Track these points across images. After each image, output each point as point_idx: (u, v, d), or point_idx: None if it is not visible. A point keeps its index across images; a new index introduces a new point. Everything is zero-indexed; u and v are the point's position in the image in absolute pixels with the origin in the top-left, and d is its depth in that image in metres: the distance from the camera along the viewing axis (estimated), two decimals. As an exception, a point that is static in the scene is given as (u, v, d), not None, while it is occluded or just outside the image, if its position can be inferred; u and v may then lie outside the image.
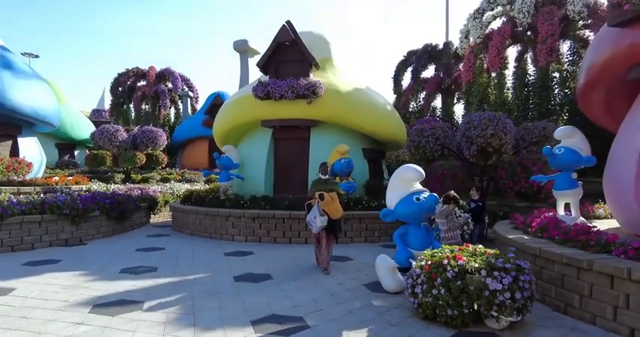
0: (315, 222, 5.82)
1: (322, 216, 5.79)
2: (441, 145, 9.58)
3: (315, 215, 5.82)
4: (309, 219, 5.93)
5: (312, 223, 5.87)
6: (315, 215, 5.82)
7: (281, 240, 8.39)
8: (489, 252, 4.18)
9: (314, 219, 5.84)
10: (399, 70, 23.61)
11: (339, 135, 10.19)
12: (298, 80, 9.63)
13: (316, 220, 5.80)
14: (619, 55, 5.53)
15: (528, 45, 17.75)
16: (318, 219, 5.79)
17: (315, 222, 5.82)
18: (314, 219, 5.84)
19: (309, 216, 5.94)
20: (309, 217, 5.96)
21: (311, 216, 5.92)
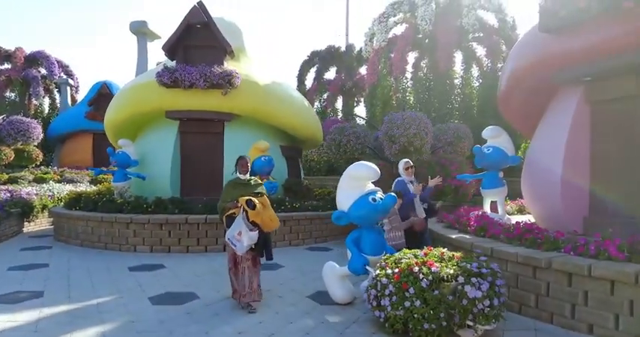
0: (240, 240, 4.23)
1: (252, 230, 4.26)
2: (362, 144, 9.40)
3: (241, 230, 4.24)
4: (230, 237, 4.30)
5: (236, 242, 4.24)
6: (241, 230, 4.24)
7: (195, 249, 7.34)
8: (457, 255, 3.89)
9: (238, 235, 4.24)
10: (302, 69, 23.39)
11: (256, 131, 9.41)
12: (212, 68, 8.62)
13: (242, 238, 4.22)
14: (546, 59, 5.75)
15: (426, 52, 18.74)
16: (246, 236, 4.21)
17: (240, 240, 4.23)
18: (238, 236, 4.24)
19: (231, 233, 4.31)
20: (229, 234, 4.32)
21: (233, 231, 4.28)
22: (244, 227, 4.23)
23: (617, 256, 3.86)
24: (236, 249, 4.29)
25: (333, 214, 4.38)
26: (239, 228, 4.25)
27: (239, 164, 4.64)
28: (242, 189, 4.51)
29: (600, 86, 5.53)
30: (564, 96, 6.03)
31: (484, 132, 6.89)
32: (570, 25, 5.19)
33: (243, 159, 4.67)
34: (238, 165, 4.63)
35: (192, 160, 9.07)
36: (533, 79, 6.33)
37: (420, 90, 16.54)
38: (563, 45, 5.45)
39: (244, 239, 4.22)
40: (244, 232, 4.23)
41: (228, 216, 4.46)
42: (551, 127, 6.11)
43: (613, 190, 5.37)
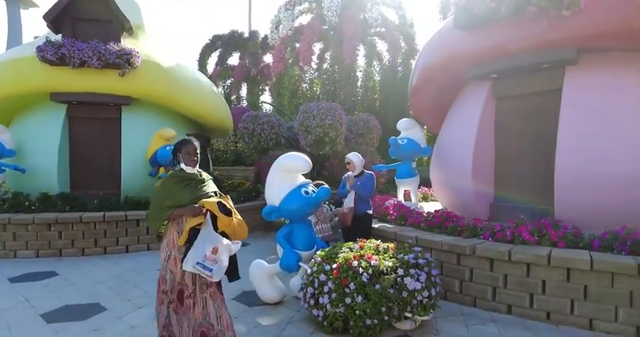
0: (217, 259, 2.98)
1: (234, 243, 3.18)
2: (276, 134, 9.11)
3: (216, 246, 3.00)
4: (201, 259, 2.91)
5: (211, 264, 2.94)
6: (216, 246, 3.00)
7: (93, 251, 6.42)
8: (392, 246, 3.88)
9: (213, 254, 2.96)
10: (204, 54, 22.06)
11: (158, 117, 8.54)
12: (107, 45, 7.57)
13: (220, 255, 3.00)
14: (458, 55, 6.05)
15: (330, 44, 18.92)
16: (225, 252, 3.06)
17: (217, 259, 2.98)
18: (213, 255, 2.96)
19: (200, 253, 2.92)
20: (197, 255, 2.91)
21: (205, 249, 2.94)
22: (220, 240, 3.04)
23: (529, 240, 4.21)
24: (211, 275, 2.93)
25: (264, 209, 4.08)
26: (213, 243, 2.99)
27: (184, 151, 3.13)
28: (193, 187, 3.13)
29: (503, 83, 6.00)
30: (474, 92, 6.43)
31: (399, 124, 7.09)
32: (482, 24, 5.49)
33: (190, 143, 3.16)
34: (183, 153, 3.14)
35: (84, 150, 7.94)
36: (445, 74, 6.64)
37: (326, 82, 16.66)
38: (475, 42, 5.76)
39: (223, 257, 3.01)
40: (222, 247, 3.02)
41: (193, 229, 3.01)
42: (461, 120, 6.49)
43: (515, 179, 5.89)
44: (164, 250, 3.16)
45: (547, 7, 4.72)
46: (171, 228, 3.13)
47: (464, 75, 6.33)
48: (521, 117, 5.85)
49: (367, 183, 5.14)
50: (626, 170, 4.72)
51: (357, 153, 5.32)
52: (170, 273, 3.13)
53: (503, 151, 6.06)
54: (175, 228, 3.11)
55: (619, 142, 4.78)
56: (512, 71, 5.73)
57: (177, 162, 3.24)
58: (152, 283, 4.99)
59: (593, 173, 4.81)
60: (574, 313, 3.75)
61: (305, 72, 17.81)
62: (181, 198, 3.07)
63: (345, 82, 16.30)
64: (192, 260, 2.90)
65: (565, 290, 3.78)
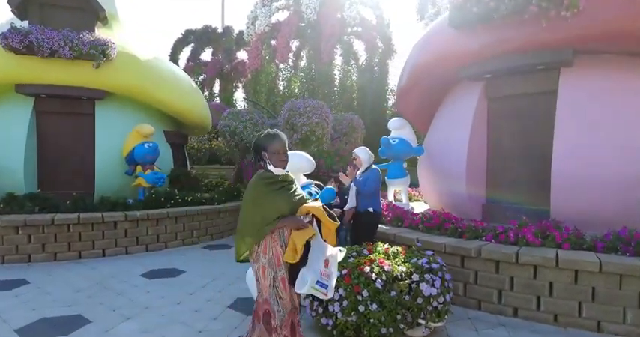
0: (330, 274, 2.55)
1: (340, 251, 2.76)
2: (259, 132, 8.82)
3: (327, 258, 2.55)
4: (319, 277, 2.47)
5: (326, 280, 2.50)
6: (327, 258, 2.55)
7: (66, 256, 5.95)
8: (402, 250, 3.72)
9: (324, 269, 2.51)
10: (175, 48, 21.35)
11: (134, 113, 8.10)
12: (80, 34, 7.07)
13: (331, 268, 2.56)
14: (451, 55, 5.98)
15: (307, 42, 18.71)
16: (334, 264, 2.59)
17: (330, 274, 2.55)
18: (325, 270, 2.51)
19: (315, 269, 2.50)
20: (313, 272, 2.49)
21: (318, 265, 2.51)
22: (330, 250, 2.59)
23: (533, 241, 4.16)
24: (327, 292, 2.47)
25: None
26: (325, 254, 2.53)
27: (270, 150, 2.59)
28: (288, 191, 2.65)
29: (497, 84, 5.99)
30: (465, 92, 6.39)
31: (390, 123, 6.99)
32: (478, 23, 5.44)
33: (277, 140, 2.62)
34: (269, 152, 2.60)
35: (54, 147, 7.39)
36: (435, 74, 6.58)
37: (304, 80, 16.45)
38: (469, 42, 5.70)
39: (334, 270, 2.57)
40: (332, 259, 2.57)
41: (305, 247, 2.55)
42: (452, 120, 6.44)
43: (508, 180, 5.89)
44: (265, 271, 2.59)
45: (547, 7, 4.70)
46: (271, 243, 2.59)
47: (455, 75, 6.28)
48: (515, 118, 5.85)
49: (370, 178, 4.92)
50: (622, 172, 4.77)
51: (365, 147, 5.13)
52: (278, 302, 2.59)
53: (496, 152, 6.05)
54: (277, 242, 2.60)
55: (615, 144, 4.83)
56: (506, 72, 5.72)
57: (264, 161, 2.67)
58: (136, 290, 4.64)
59: (590, 174, 4.85)
60: (582, 315, 3.72)
61: (281, 69, 17.51)
62: (281, 205, 2.57)
63: (323, 81, 16.15)
64: (311, 279, 2.41)
65: (573, 292, 3.74)
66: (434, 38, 6.47)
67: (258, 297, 2.70)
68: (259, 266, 2.63)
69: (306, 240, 2.53)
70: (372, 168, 5.01)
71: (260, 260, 2.62)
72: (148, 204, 6.95)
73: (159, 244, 6.74)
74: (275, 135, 2.64)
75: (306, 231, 2.55)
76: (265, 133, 2.69)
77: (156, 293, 4.53)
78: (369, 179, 4.88)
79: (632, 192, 4.74)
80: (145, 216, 6.52)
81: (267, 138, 2.64)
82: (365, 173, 4.96)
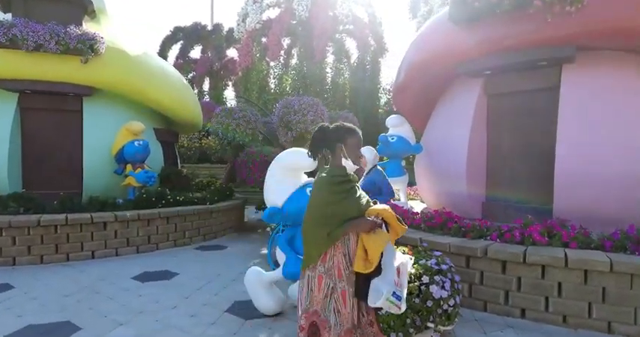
0: (402, 284, 2.31)
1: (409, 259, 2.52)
2: (252, 129, 8.64)
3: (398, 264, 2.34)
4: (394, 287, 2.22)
5: (400, 291, 2.25)
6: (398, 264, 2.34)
7: (53, 259, 5.69)
8: (408, 251, 3.59)
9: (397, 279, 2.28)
10: (164, 46, 21.00)
11: (124, 110, 7.85)
12: (67, 28, 6.80)
13: (402, 277, 2.33)
14: (451, 51, 5.86)
15: (298, 39, 18.55)
16: (405, 273, 2.38)
17: (402, 284, 2.31)
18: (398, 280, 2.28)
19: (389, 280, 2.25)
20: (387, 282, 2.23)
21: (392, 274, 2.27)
22: (402, 258, 2.40)
23: (540, 241, 4.06)
24: (400, 304, 2.21)
25: (266, 211, 3.66)
26: (395, 263, 2.32)
27: (351, 142, 2.36)
28: (357, 192, 2.41)
29: (497, 80, 5.89)
30: (464, 89, 6.30)
31: (388, 120, 6.88)
32: (480, 18, 5.33)
33: (358, 133, 2.41)
34: (349, 145, 2.36)
35: (40, 145, 7.11)
36: (433, 70, 6.47)
37: (295, 78, 16.27)
38: (469, 37, 5.59)
39: (405, 278, 2.35)
40: (403, 267, 2.34)
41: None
42: (451, 118, 6.33)
43: (508, 178, 5.81)
44: (322, 282, 2.31)
45: (552, 2, 4.60)
46: (332, 250, 2.31)
47: (454, 71, 6.18)
48: (515, 115, 5.77)
49: (374, 179, 4.75)
50: (626, 170, 4.72)
51: (370, 147, 4.86)
52: (336, 315, 2.30)
53: (496, 149, 5.96)
54: (340, 250, 2.32)
55: (617, 142, 4.77)
56: (506, 68, 5.62)
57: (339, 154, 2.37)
58: (128, 294, 4.43)
59: (592, 172, 4.78)
60: (592, 316, 3.62)
61: (273, 67, 17.31)
62: (352, 207, 2.32)
63: (316, 79, 16.00)
64: (387, 290, 2.16)
65: (583, 293, 3.65)
66: (432, 34, 6.35)
67: (307, 308, 2.37)
68: (315, 275, 2.34)
69: (383, 246, 2.25)
70: (376, 169, 4.80)
71: (317, 268, 2.34)
72: (138, 204, 6.72)
73: (150, 245, 6.51)
74: (354, 128, 2.40)
75: (381, 236, 2.27)
76: (340, 124, 2.41)
77: (149, 297, 4.33)
78: (384, 184, 4.65)
79: (632, 191, 4.70)
80: (136, 217, 6.29)
81: (348, 129, 2.38)
82: (369, 174, 4.76)
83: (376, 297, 2.20)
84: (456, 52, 5.83)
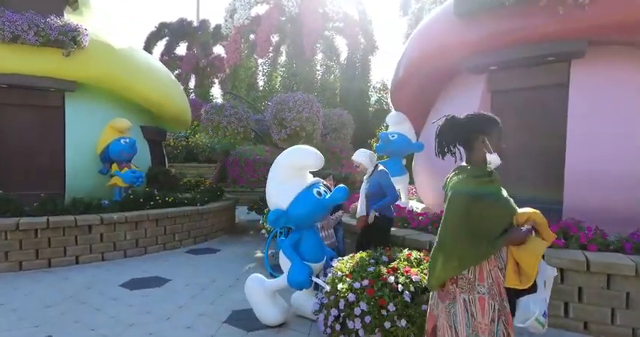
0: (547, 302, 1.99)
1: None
2: (244, 127, 8.30)
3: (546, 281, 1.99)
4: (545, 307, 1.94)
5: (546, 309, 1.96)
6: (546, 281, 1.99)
7: (33, 265, 5.30)
8: (425, 256, 3.34)
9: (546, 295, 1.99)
10: (149, 42, 20.44)
11: (109, 107, 7.45)
12: (47, 18, 6.38)
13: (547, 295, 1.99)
14: (457, 44, 5.64)
15: (287, 36, 18.22)
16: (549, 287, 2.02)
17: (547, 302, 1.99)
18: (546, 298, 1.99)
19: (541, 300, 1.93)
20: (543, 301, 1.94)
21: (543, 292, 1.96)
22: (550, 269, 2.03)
23: (556, 242, 3.87)
24: (545, 323, 1.94)
25: (270, 215, 3.38)
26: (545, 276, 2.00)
27: (496, 134, 2.02)
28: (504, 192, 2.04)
29: (501, 76, 5.71)
30: (467, 85, 6.10)
31: (388, 118, 6.65)
32: (486, 11, 5.13)
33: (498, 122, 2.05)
34: (493, 137, 2.01)
35: (18, 143, 6.66)
36: (436, 65, 6.26)
37: (285, 76, 15.94)
38: (474, 31, 5.39)
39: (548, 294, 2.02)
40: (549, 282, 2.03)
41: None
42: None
43: (513, 176, 5.62)
44: (485, 304, 1.91)
45: (565, -6, 4.42)
46: (489, 265, 1.94)
47: (456, 67, 5.99)
48: (521, 112, 5.59)
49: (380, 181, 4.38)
50: (635, 168, 4.57)
51: (363, 150, 4.46)
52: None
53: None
54: (495, 263, 1.95)
55: (630, 140, 4.62)
56: (512, 63, 5.44)
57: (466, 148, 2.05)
58: (117, 304, 4.09)
59: (605, 171, 4.62)
60: (615, 322, 3.44)
61: (261, 64, 16.97)
62: (504, 211, 1.95)
63: (305, 76, 15.70)
64: (539, 310, 1.90)
65: (605, 298, 3.46)
66: (434, 28, 6.14)
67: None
68: (474, 298, 1.92)
69: (540, 257, 1.92)
70: (379, 169, 4.36)
71: (476, 289, 1.92)
72: (125, 206, 6.36)
73: (138, 249, 6.15)
74: (494, 116, 2.05)
75: (536, 245, 1.90)
76: (475, 114, 2.06)
77: (140, 307, 4.00)
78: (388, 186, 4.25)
79: (642, 190, 4.55)
80: (123, 219, 5.93)
81: (489, 118, 2.03)
82: (372, 176, 4.36)
83: (524, 316, 1.93)
84: (459, 47, 5.62)
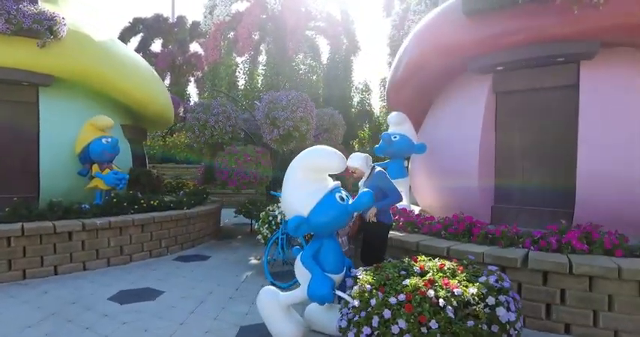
0: None
1: None
2: (232, 126, 7.91)
3: None
4: None
5: None
6: None
7: (5, 277, 4.73)
8: (458, 266, 3.10)
9: None
10: (123, 38, 19.51)
11: (87, 103, 6.91)
12: (20, 4, 5.82)
13: None
14: (462, 44, 5.47)
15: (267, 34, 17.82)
16: None
17: None
18: None
19: None
20: None
21: None
22: None
23: (581, 248, 3.73)
24: None
25: (290, 222, 3.05)
26: None
27: None
28: None
29: (507, 77, 5.58)
30: (469, 86, 5.95)
31: (389, 118, 6.43)
32: (497, 9, 4.98)
33: None
34: None
35: (-15, 141, 6.06)
36: (438, 65, 6.08)
37: (268, 74, 15.55)
38: (481, 30, 5.23)
39: None
40: None
41: None
42: (456, 117, 5.95)
43: (520, 180, 5.50)
44: None
45: (582, -8, 4.30)
46: None
47: (460, 66, 5.83)
48: (528, 114, 5.47)
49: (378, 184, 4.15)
50: (648, 170, 4.51)
51: (357, 154, 4.17)
52: None
53: (505, 150, 5.65)
54: None
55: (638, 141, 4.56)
56: (519, 64, 5.32)
57: None
58: (109, 322, 3.67)
59: (618, 174, 4.54)
60: (648, 332, 3.31)
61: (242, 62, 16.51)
62: None
63: (288, 76, 15.35)
64: None
65: (638, 307, 3.32)
66: (440, 26, 5.93)
67: None
68: None
69: None
70: (377, 171, 4.11)
71: None
72: (107, 210, 5.87)
73: (122, 257, 5.68)
74: None
75: None
76: None
77: (135, 325, 3.60)
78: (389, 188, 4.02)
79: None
80: (107, 225, 5.45)
81: None
82: (370, 180, 4.10)
83: None
84: (466, 46, 5.46)
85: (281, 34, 15.53)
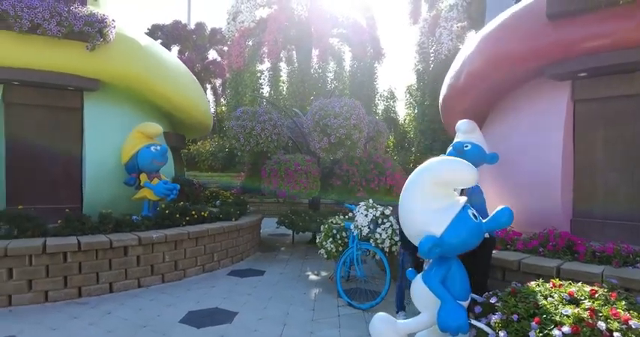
0: None
1: None
2: (278, 134, 7.59)
3: None
4: None
5: None
6: None
7: (60, 295, 4.38)
8: (613, 293, 2.72)
9: None
10: (141, 43, 19.44)
11: (131, 109, 6.63)
12: (71, 6, 5.55)
13: None
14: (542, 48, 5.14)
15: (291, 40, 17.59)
16: None
17: None
18: None
19: None
20: None
21: None
22: None
23: None
24: None
25: (423, 244, 2.66)
26: None
27: None
28: None
29: (588, 84, 5.25)
30: (545, 92, 5.60)
31: (458, 125, 6.04)
32: (587, 12, 4.66)
33: None
34: None
35: (29, 149, 5.74)
36: (506, 72, 5.76)
37: (293, 81, 15.28)
38: (566, 33, 4.91)
39: None
40: None
41: None
42: (535, 125, 5.59)
43: (602, 192, 5.14)
44: None
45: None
46: None
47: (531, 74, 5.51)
48: (610, 123, 5.12)
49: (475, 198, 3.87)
50: None
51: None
52: None
53: (585, 161, 5.29)
54: None
55: None
56: (602, 70, 4.99)
57: None
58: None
59: None
60: None
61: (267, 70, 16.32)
62: None
63: (313, 83, 15.08)
64: None
65: None
66: (511, 32, 5.60)
67: None
68: None
69: None
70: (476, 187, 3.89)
71: None
72: (158, 222, 5.52)
73: (177, 273, 5.32)
74: None
75: None
76: None
77: (224, 354, 3.23)
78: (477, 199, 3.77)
79: None
80: (163, 238, 5.10)
81: None
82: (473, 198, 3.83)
83: None
84: (546, 51, 5.13)
85: (306, 41, 15.31)
